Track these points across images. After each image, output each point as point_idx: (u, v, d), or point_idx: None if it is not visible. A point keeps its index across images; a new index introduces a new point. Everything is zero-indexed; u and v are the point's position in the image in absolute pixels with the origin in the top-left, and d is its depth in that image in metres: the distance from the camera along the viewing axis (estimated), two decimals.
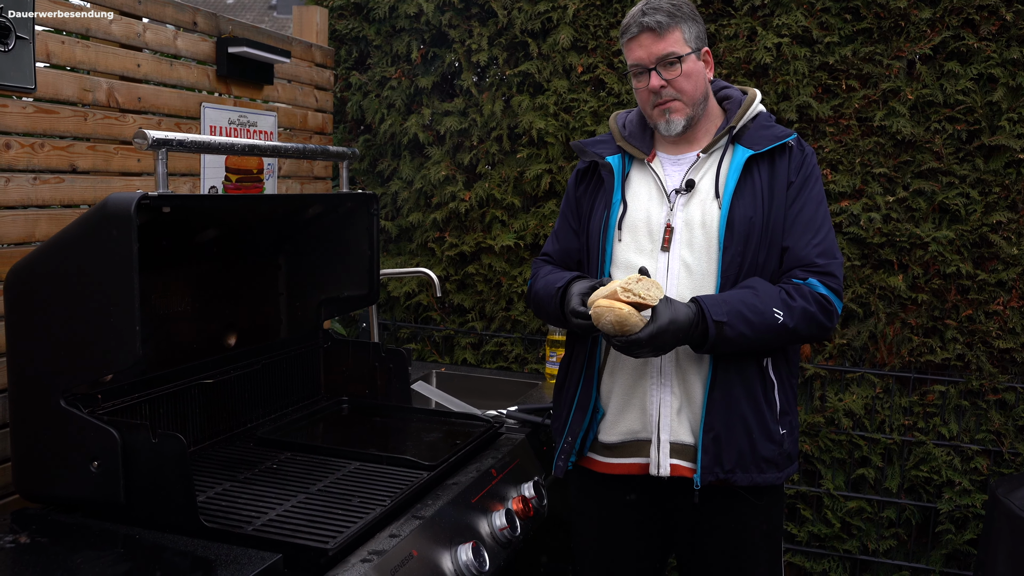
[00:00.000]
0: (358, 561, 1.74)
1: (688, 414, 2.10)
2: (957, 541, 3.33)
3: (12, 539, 1.73)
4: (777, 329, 2.02)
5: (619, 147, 2.25)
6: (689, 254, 2.10)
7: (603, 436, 2.20)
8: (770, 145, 2.11)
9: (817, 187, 2.16)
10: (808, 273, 2.09)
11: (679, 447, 2.11)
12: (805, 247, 2.10)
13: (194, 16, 2.77)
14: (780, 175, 2.12)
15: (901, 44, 3.23)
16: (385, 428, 2.64)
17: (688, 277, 2.09)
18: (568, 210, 2.36)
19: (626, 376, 2.15)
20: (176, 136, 1.89)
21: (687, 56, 2.10)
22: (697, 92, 2.14)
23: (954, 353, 3.27)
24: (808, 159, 2.16)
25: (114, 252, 1.70)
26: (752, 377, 2.08)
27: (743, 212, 2.07)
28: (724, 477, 2.07)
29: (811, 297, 2.06)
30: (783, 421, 2.13)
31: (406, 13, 3.77)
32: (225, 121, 2.93)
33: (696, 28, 2.13)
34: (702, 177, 2.15)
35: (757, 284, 2.06)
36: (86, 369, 1.80)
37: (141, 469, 1.77)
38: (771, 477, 2.12)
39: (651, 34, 2.09)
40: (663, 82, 2.11)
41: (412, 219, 3.87)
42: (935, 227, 3.25)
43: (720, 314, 1.96)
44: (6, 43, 2.05)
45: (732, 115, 2.18)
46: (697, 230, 2.10)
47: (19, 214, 2.17)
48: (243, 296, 2.55)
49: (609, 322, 1.91)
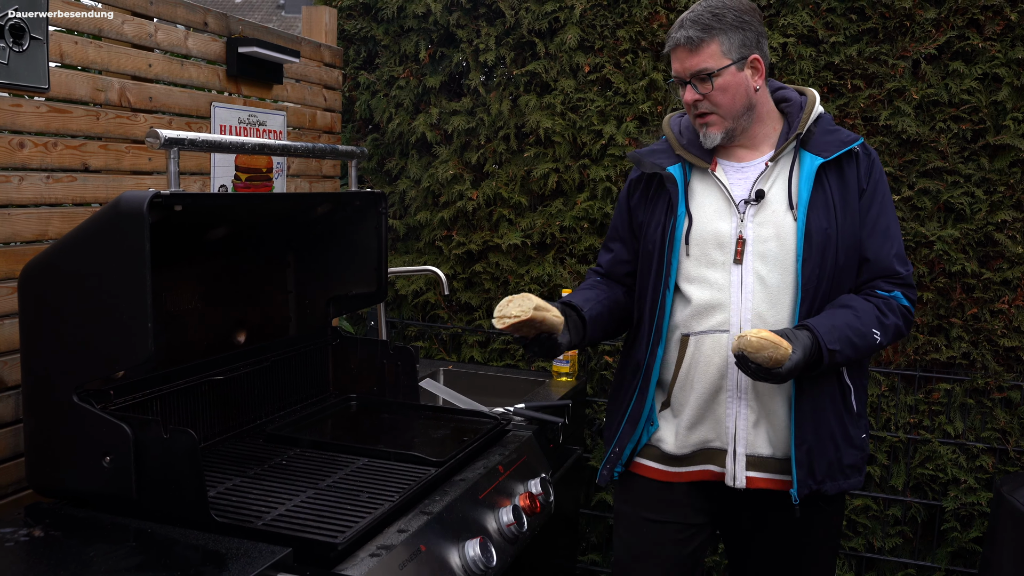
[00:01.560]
0: (367, 556, 1.76)
1: (767, 427, 2.09)
2: (963, 539, 3.34)
3: (27, 532, 1.75)
4: (874, 348, 2.05)
5: (678, 156, 2.19)
6: (763, 267, 2.07)
7: (670, 447, 2.18)
8: (839, 151, 2.07)
9: (887, 191, 2.14)
10: (893, 285, 2.10)
11: (755, 459, 2.10)
12: (887, 257, 2.09)
13: (205, 16, 2.80)
14: (850, 182, 2.09)
15: (906, 44, 3.24)
16: (393, 425, 2.66)
17: (763, 290, 2.06)
18: (620, 222, 2.33)
19: (702, 389, 2.11)
20: (188, 135, 1.92)
21: (723, 70, 2.04)
22: (736, 105, 2.08)
23: (959, 351, 3.28)
24: (875, 163, 2.13)
25: (127, 250, 1.72)
26: (832, 386, 2.09)
27: (819, 223, 2.04)
28: (816, 488, 2.07)
29: (899, 311, 2.09)
30: (861, 424, 2.15)
31: (414, 13, 3.79)
32: (235, 120, 2.96)
33: (740, 36, 2.05)
34: (771, 187, 2.10)
35: (855, 304, 2.05)
36: (98, 365, 1.82)
37: (153, 464, 1.79)
38: (855, 482, 2.14)
39: (685, 49, 2.06)
40: (698, 96, 2.08)
41: (420, 218, 3.89)
42: (940, 226, 3.26)
43: (833, 342, 1.95)
44: (20, 43, 2.08)
45: (794, 119, 2.15)
46: (771, 242, 2.07)
47: (32, 212, 2.20)
48: (253, 294, 2.57)
49: (769, 357, 1.88)
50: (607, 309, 2.28)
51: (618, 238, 2.34)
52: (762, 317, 2.06)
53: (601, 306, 2.26)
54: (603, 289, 2.32)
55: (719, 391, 2.10)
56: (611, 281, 2.36)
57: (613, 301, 2.31)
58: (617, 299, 2.32)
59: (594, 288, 2.32)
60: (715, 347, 2.09)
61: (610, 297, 2.31)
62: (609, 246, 2.37)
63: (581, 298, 2.26)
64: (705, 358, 2.10)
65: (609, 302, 2.30)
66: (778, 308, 2.06)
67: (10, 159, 2.13)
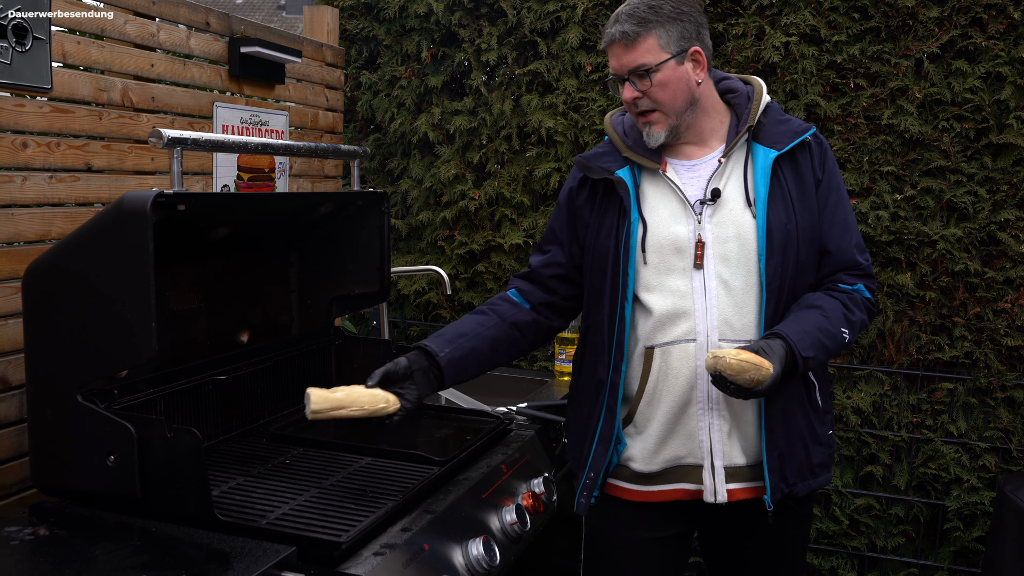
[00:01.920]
0: (371, 554, 1.76)
1: (739, 436, 2.00)
2: (965, 538, 3.34)
3: (31, 531, 1.75)
4: (843, 347, 2.00)
5: (626, 158, 2.07)
6: (726, 270, 1.97)
7: (639, 465, 2.06)
8: (793, 143, 2.00)
9: (840, 180, 2.08)
10: (855, 277, 2.05)
11: (732, 470, 2.00)
12: (848, 249, 2.04)
13: (207, 16, 2.80)
14: (805, 173, 2.02)
15: (909, 43, 3.24)
16: (396, 424, 2.65)
17: (727, 294, 1.97)
18: (559, 225, 2.18)
19: (671, 403, 1.99)
20: (192, 135, 1.92)
21: (662, 64, 1.94)
22: (677, 101, 1.98)
23: (962, 351, 3.27)
24: (827, 152, 2.07)
25: (130, 250, 1.72)
26: (799, 386, 2.01)
27: (778, 220, 1.96)
28: (789, 491, 2.01)
29: (863, 305, 2.04)
30: (826, 420, 2.10)
31: (416, 13, 3.79)
32: (237, 120, 2.96)
33: (679, 28, 1.95)
34: (727, 184, 2.01)
35: (823, 303, 1.98)
36: (102, 365, 1.82)
37: (157, 463, 1.79)
38: (823, 480, 2.08)
39: (620, 44, 1.96)
40: (637, 93, 1.98)
41: (422, 217, 3.90)
42: (943, 225, 3.26)
43: (807, 348, 1.88)
44: (23, 43, 2.08)
45: (742, 110, 2.07)
46: (732, 243, 1.97)
47: (35, 212, 2.20)
48: (255, 293, 2.57)
49: (751, 379, 1.79)
50: (488, 344, 2.11)
51: (555, 241, 2.19)
52: (729, 323, 1.96)
53: (479, 341, 2.10)
54: (492, 316, 2.15)
55: (688, 404, 1.99)
56: (529, 291, 2.19)
57: (502, 330, 2.14)
58: (514, 324, 2.15)
59: (481, 316, 2.15)
60: (683, 358, 1.98)
61: (500, 325, 2.14)
62: (544, 248, 2.21)
63: (454, 332, 2.09)
64: (673, 371, 1.98)
65: (496, 331, 2.13)
66: (744, 311, 1.97)
67: (13, 159, 2.13)
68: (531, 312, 2.19)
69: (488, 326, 2.13)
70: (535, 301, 2.19)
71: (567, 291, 2.19)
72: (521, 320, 2.17)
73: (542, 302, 2.20)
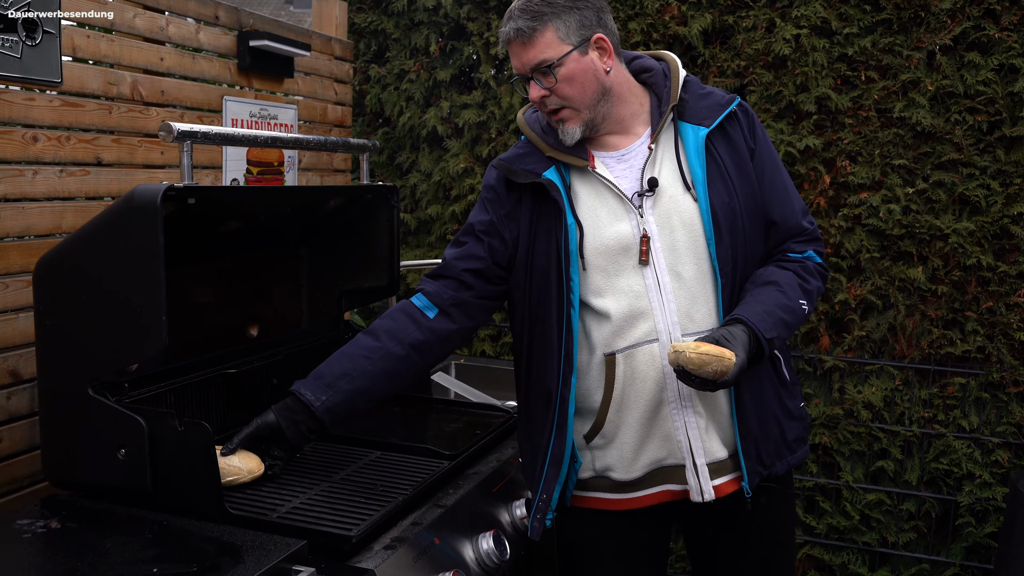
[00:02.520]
0: (381, 548, 1.76)
1: (716, 428, 1.92)
2: (977, 534, 3.32)
3: (43, 524, 1.76)
4: (803, 320, 1.94)
5: (550, 157, 1.94)
6: (676, 261, 1.88)
7: (620, 474, 1.94)
8: (720, 116, 1.91)
9: (771, 145, 2.00)
10: (803, 244, 1.99)
11: (715, 465, 1.92)
12: (792, 215, 1.98)
13: (216, 10, 2.80)
14: (739, 145, 1.93)
15: (921, 35, 3.22)
16: (406, 418, 2.66)
17: (682, 287, 1.87)
18: (480, 220, 2.02)
19: (643, 407, 1.89)
20: (201, 128, 1.92)
21: (565, 58, 1.84)
22: (587, 94, 1.87)
23: (974, 345, 3.26)
24: (754, 119, 1.98)
25: (140, 243, 1.72)
26: (765, 363, 1.92)
27: (720, 199, 1.88)
28: (767, 474, 1.96)
29: (815, 271, 1.98)
30: (796, 393, 2.04)
31: (424, 6, 3.78)
32: (246, 114, 2.96)
33: (577, 17, 1.84)
34: (661, 169, 1.91)
35: (778, 277, 1.92)
36: (113, 358, 1.82)
37: (167, 456, 1.79)
38: (801, 454, 2.04)
39: (518, 42, 1.86)
40: (544, 91, 1.87)
41: (431, 211, 3.89)
42: (955, 219, 3.24)
43: (769, 329, 1.82)
44: (33, 37, 2.08)
45: (660, 89, 1.96)
46: (678, 231, 1.88)
47: (46, 206, 2.21)
48: (265, 287, 2.57)
49: (714, 371, 1.73)
50: (379, 378, 1.97)
51: (472, 234, 2.02)
52: (688, 315, 1.88)
53: (365, 379, 1.96)
54: (385, 342, 1.98)
55: (661, 405, 1.89)
56: (438, 292, 2.01)
57: (396, 357, 1.97)
58: (412, 345, 1.98)
59: (372, 343, 1.99)
60: (648, 360, 1.87)
61: (393, 353, 1.97)
62: (461, 240, 2.04)
63: (333, 373, 1.97)
64: (640, 374, 1.88)
65: (387, 362, 1.97)
66: (702, 301, 1.89)
67: (24, 153, 2.14)
68: (437, 319, 2.00)
69: (377, 357, 1.97)
70: (444, 303, 2.00)
71: (483, 288, 2.02)
72: (420, 340, 1.99)
73: (453, 302, 2.00)
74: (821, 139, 3.34)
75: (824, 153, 3.35)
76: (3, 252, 2.10)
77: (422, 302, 2.02)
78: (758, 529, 2.04)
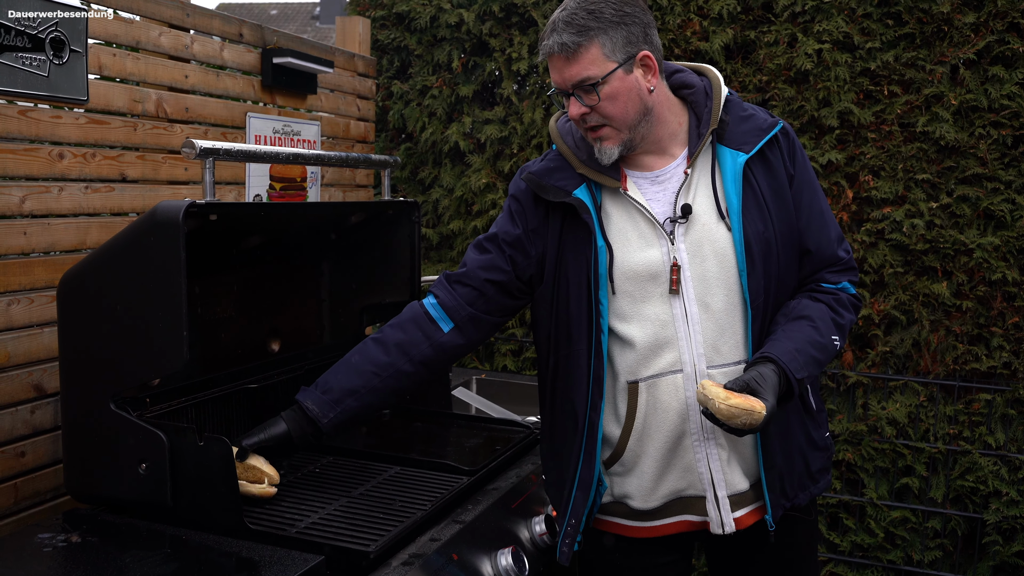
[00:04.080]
0: (399, 564, 1.76)
1: (738, 460, 1.88)
2: (1005, 553, 3.28)
3: (64, 538, 1.77)
4: (834, 356, 1.88)
5: (581, 175, 1.88)
6: (705, 291, 1.82)
7: (638, 503, 1.91)
8: (761, 142, 1.85)
9: (811, 171, 1.95)
10: (838, 274, 1.93)
11: (736, 497, 1.88)
12: (828, 245, 1.92)
13: (240, 28, 2.83)
14: (778, 172, 1.88)
15: (944, 49, 3.20)
16: (426, 433, 2.66)
17: (710, 318, 1.82)
18: (505, 231, 1.97)
19: (664, 438, 1.85)
20: (223, 145, 1.94)
21: (610, 76, 1.77)
22: (630, 113, 1.80)
23: (1000, 361, 3.22)
24: (795, 144, 1.92)
25: (163, 259, 1.74)
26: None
27: (755, 229, 1.82)
28: (791, 505, 1.93)
29: (849, 304, 1.93)
30: (821, 421, 2.00)
31: (447, 23, 3.81)
32: (269, 130, 2.98)
33: (624, 33, 1.77)
34: (695, 197, 1.85)
35: (811, 312, 1.86)
36: (135, 373, 1.84)
37: (188, 471, 1.81)
38: (824, 484, 2.01)
39: (560, 57, 1.78)
40: (585, 109, 1.80)
41: (453, 226, 3.90)
42: (980, 233, 3.21)
43: (799, 369, 1.76)
44: (61, 56, 2.11)
45: (700, 108, 1.90)
46: (709, 261, 1.83)
47: (71, 222, 2.23)
48: (287, 302, 2.59)
49: (742, 423, 1.68)
50: (386, 394, 1.98)
51: (498, 245, 1.97)
52: (715, 347, 1.83)
53: (372, 396, 1.96)
54: (394, 356, 1.96)
55: (683, 436, 1.85)
56: (456, 306, 1.98)
57: (404, 375, 1.96)
58: (423, 362, 1.97)
59: (381, 356, 1.96)
60: (672, 391, 1.83)
61: (403, 370, 1.96)
62: (486, 247, 1.99)
63: (342, 389, 1.95)
64: (663, 405, 1.84)
65: (396, 381, 1.96)
66: (730, 333, 1.84)
67: (50, 170, 2.17)
68: (451, 334, 1.97)
69: (387, 375, 1.95)
70: (461, 318, 1.97)
71: (501, 300, 1.98)
72: (430, 357, 1.97)
73: (470, 318, 1.97)
74: (844, 154, 3.32)
75: (847, 168, 3.33)
76: (29, 268, 2.13)
77: (437, 312, 1.98)
78: (781, 559, 2.01)
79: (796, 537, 2.00)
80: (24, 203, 2.11)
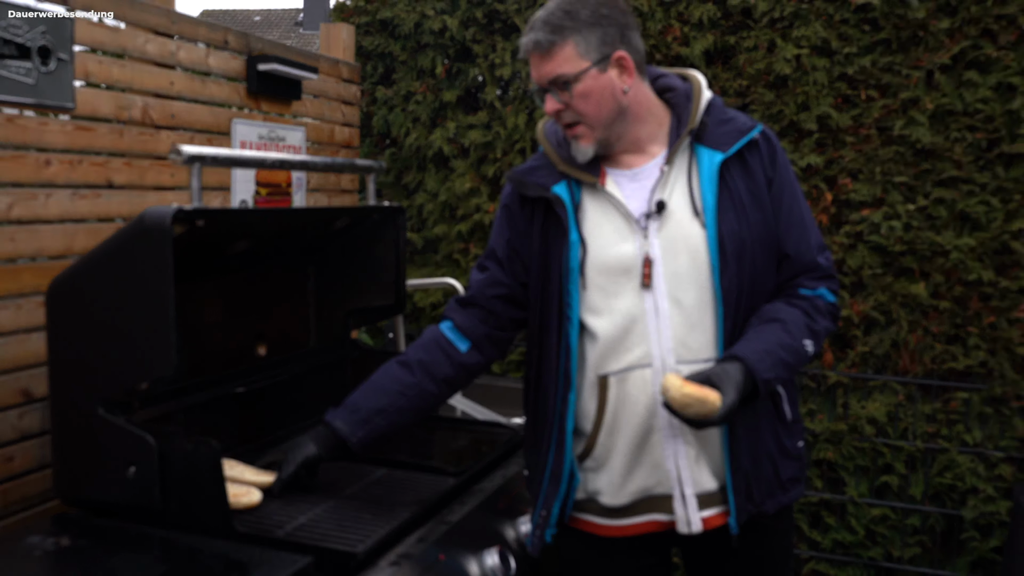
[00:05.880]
0: (387, 565, 1.78)
1: (707, 459, 1.88)
2: (982, 548, 3.33)
3: (54, 542, 1.78)
4: (807, 360, 1.89)
5: (562, 172, 1.92)
6: (677, 286, 1.84)
7: (608, 499, 1.92)
8: (739, 144, 1.86)
9: (793, 176, 1.95)
10: (816, 280, 1.93)
11: (704, 496, 1.88)
12: (807, 250, 1.92)
13: (225, 35, 2.85)
14: (756, 174, 1.89)
15: (920, 54, 3.25)
16: (412, 436, 2.67)
17: (680, 314, 1.83)
18: (498, 243, 2.03)
19: (633, 432, 1.86)
20: (210, 151, 1.96)
21: (583, 74, 1.81)
22: (602, 112, 1.84)
23: (977, 360, 3.27)
24: (777, 148, 1.93)
25: (150, 264, 1.76)
26: (764, 401, 1.89)
27: (730, 228, 1.83)
28: (756, 511, 1.91)
29: (826, 311, 1.92)
30: (795, 431, 1.99)
31: (431, 29, 3.83)
32: (255, 136, 3.00)
33: (599, 33, 1.81)
34: (671, 194, 1.87)
35: (783, 315, 1.86)
36: (123, 378, 1.85)
37: (176, 475, 1.82)
38: (795, 494, 1.98)
39: (537, 54, 1.84)
40: (559, 105, 1.85)
41: (437, 231, 3.93)
42: (956, 235, 3.26)
43: (766, 370, 1.77)
44: (47, 63, 2.13)
45: (682, 111, 1.92)
46: (681, 257, 1.84)
47: (58, 228, 2.25)
48: (273, 307, 2.60)
49: (696, 413, 1.70)
50: (410, 414, 2.03)
51: (494, 259, 2.03)
52: (684, 343, 1.84)
53: (398, 415, 2.01)
54: (418, 376, 2.01)
55: (651, 432, 1.85)
56: (471, 326, 2.03)
57: (428, 394, 2.03)
58: (445, 380, 2.03)
59: (405, 376, 2.02)
60: (640, 385, 1.84)
61: (427, 390, 2.02)
62: (485, 265, 2.05)
63: (369, 409, 2.01)
64: (631, 399, 1.85)
65: (420, 400, 2.02)
66: (700, 330, 1.85)
67: (37, 176, 2.18)
68: (470, 353, 2.03)
69: (412, 395, 2.01)
70: (478, 337, 2.03)
71: (510, 313, 2.03)
72: (452, 375, 2.03)
73: (485, 336, 2.03)
74: (822, 157, 3.37)
75: (826, 171, 3.38)
76: (16, 273, 2.15)
77: (454, 334, 2.04)
78: (750, 565, 1.99)
79: (766, 548, 2.00)
80: (11, 209, 2.13)
